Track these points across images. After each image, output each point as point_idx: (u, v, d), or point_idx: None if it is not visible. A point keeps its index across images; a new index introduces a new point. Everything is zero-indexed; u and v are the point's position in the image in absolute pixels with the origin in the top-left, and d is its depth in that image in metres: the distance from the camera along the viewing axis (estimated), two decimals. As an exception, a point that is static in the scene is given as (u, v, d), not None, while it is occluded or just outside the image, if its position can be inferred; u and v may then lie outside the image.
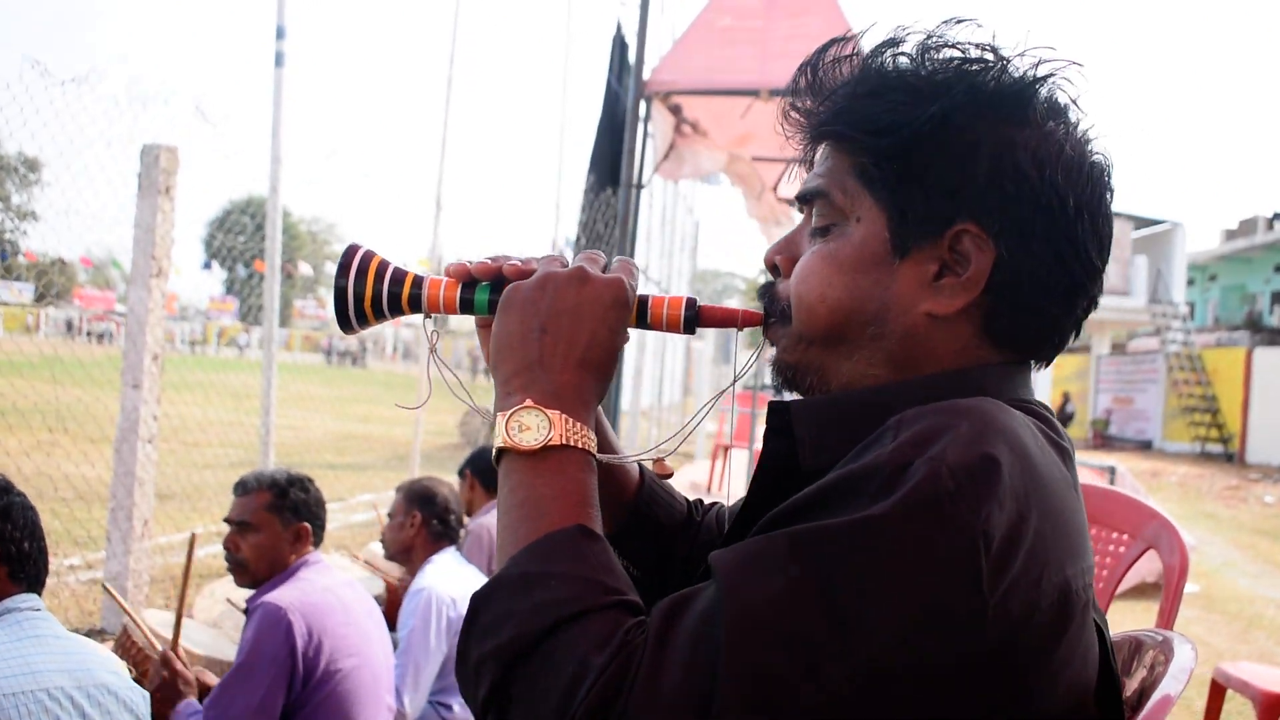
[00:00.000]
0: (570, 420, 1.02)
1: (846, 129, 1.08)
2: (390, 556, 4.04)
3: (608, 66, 7.93)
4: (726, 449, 15.52)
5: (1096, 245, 1.07)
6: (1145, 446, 27.38)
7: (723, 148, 7.98)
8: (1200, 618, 8.32)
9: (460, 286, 1.17)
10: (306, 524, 3.23)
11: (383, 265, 1.16)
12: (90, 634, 4.77)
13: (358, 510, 10.31)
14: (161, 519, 7.10)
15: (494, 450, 1.04)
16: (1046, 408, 1.09)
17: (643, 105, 6.82)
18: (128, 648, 3.33)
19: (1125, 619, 2.19)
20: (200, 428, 8.56)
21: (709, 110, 7.30)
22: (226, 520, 3.24)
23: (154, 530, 5.55)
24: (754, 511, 1.07)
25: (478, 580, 3.77)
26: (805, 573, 0.85)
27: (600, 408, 1.19)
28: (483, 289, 1.16)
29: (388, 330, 70.10)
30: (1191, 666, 1.12)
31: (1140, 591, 8.68)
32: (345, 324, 1.17)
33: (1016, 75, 1.07)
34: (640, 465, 1.41)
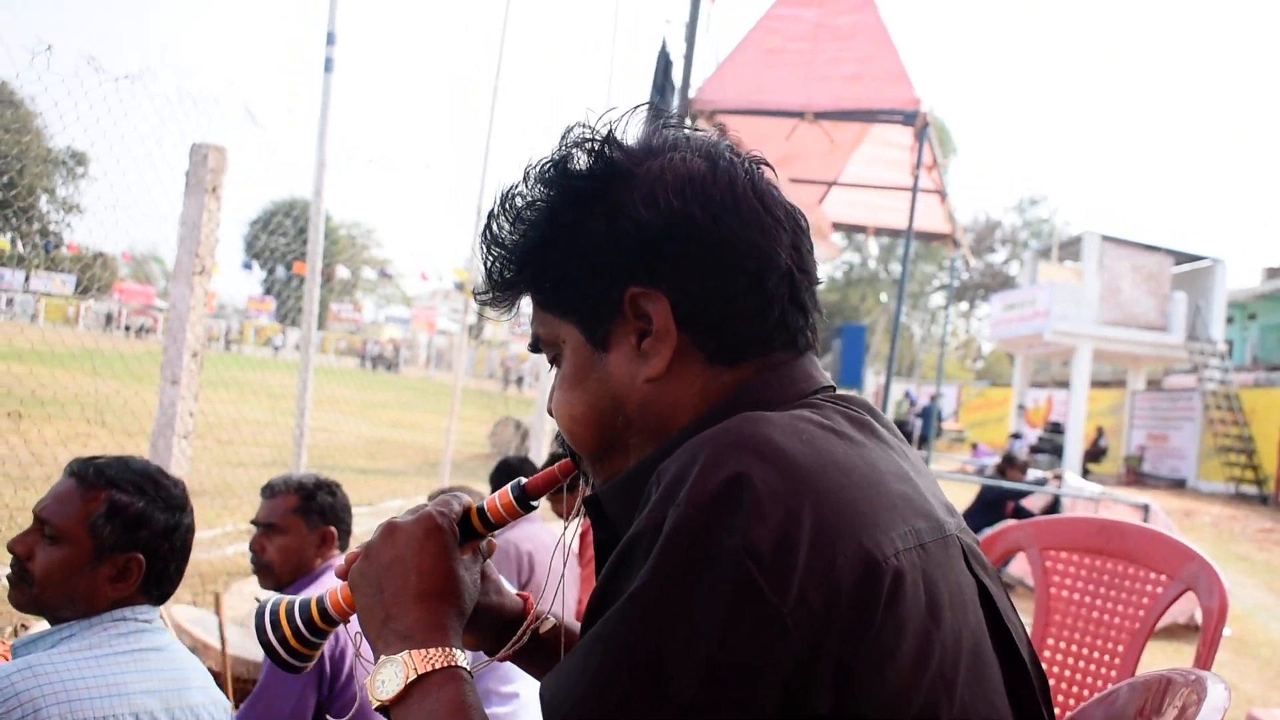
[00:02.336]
0: (422, 651, 1.08)
1: (502, 283, 1.19)
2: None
3: (651, 83, 7.93)
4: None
5: (755, 228, 1.12)
6: (1179, 485, 27.08)
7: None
8: (1232, 662, 8.21)
9: (345, 584, 1.26)
10: (332, 528, 3.24)
11: (290, 606, 1.27)
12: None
13: (387, 515, 10.32)
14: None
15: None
16: (842, 394, 1.16)
17: (687, 123, 6.84)
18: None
19: (1155, 661, 2.16)
20: (234, 426, 8.61)
21: (753, 130, 7.30)
22: (253, 522, 3.25)
23: (185, 526, 5.57)
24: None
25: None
26: (604, 669, 0.90)
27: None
28: None
29: (421, 337, 70.35)
30: (1225, 707, 1.11)
31: (1170, 633, 8.59)
32: (291, 668, 1.28)
33: (588, 150, 1.14)
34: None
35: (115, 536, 2.02)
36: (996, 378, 53.32)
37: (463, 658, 1.10)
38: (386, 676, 1.07)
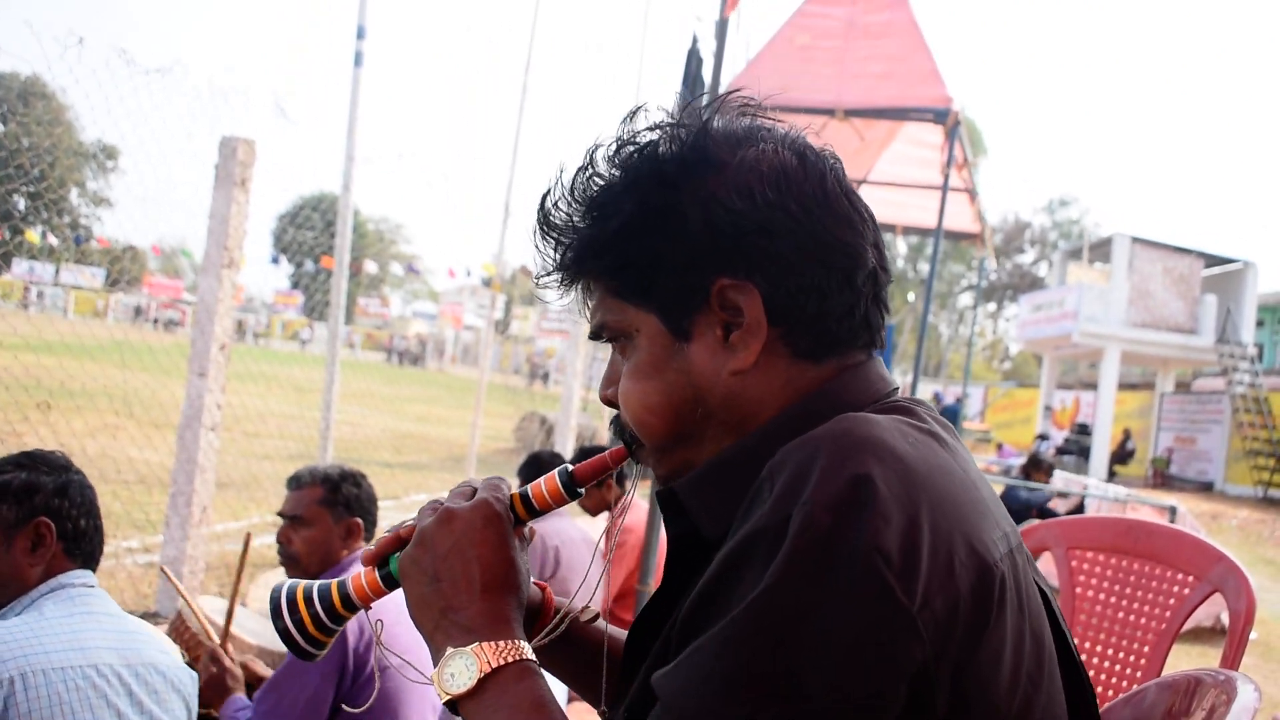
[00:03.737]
0: (493, 644, 1.06)
1: (577, 266, 1.15)
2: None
3: (681, 80, 7.92)
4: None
5: (845, 225, 1.10)
6: (1206, 488, 26.89)
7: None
8: (1258, 666, 8.16)
9: (375, 569, 1.23)
10: (358, 519, 3.24)
11: (307, 590, 1.23)
12: (145, 617, 4.83)
13: (413, 509, 10.35)
14: (219, 507, 7.18)
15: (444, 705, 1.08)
16: (911, 399, 1.14)
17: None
18: (181, 632, 3.37)
19: (1180, 663, 2.15)
20: (261, 418, 8.66)
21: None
22: (279, 514, 3.26)
23: (212, 517, 5.62)
24: (671, 592, 1.15)
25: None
26: (735, 670, 0.87)
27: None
28: (394, 560, 1.22)
29: (448, 332, 70.54)
30: (1256, 707, 1.10)
31: (1196, 635, 8.53)
32: (305, 655, 1.24)
33: (687, 133, 1.11)
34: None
35: (13, 512, 2.08)
36: (1024, 378, 53.06)
37: (531, 653, 1.09)
38: (456, 670, 1.05)
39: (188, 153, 6.10)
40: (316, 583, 1.24)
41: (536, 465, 5.01)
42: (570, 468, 1.24)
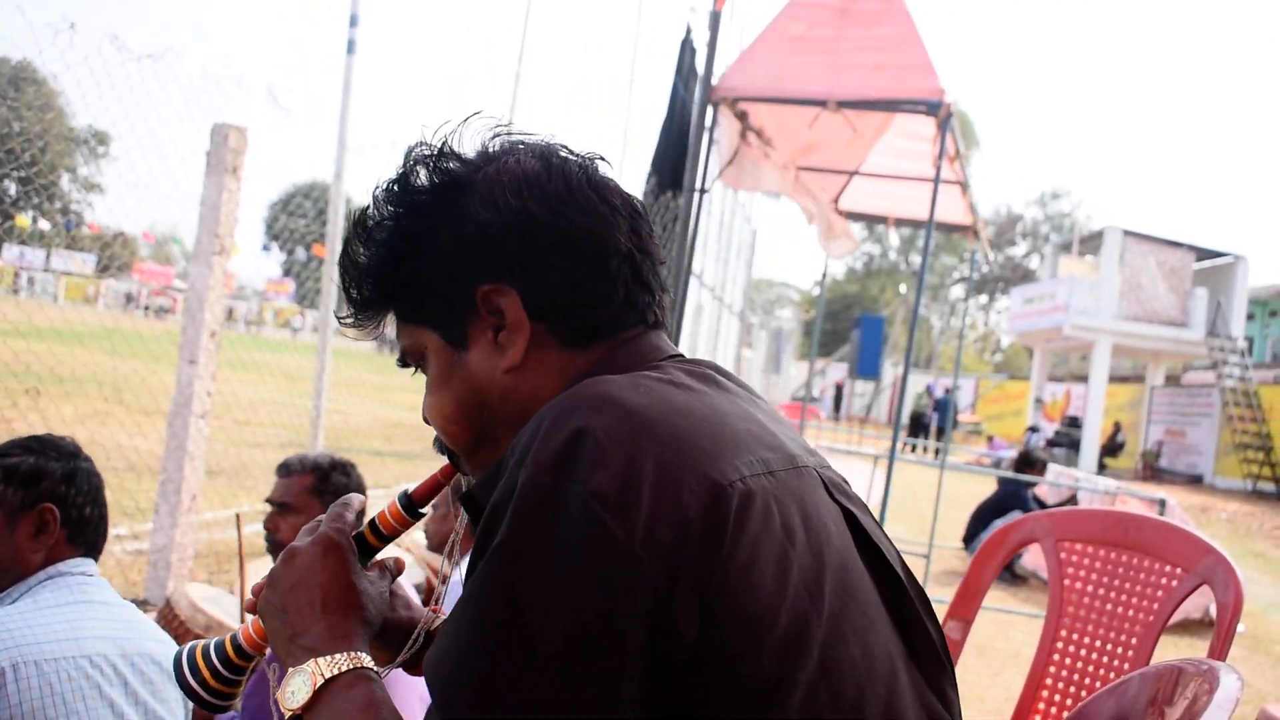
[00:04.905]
0: (328, 658, 1.11)
1: (361, 303, 1.26)
2: (433, 548, 4.03)
3: (675, 70, 7.92)
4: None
5: (592, 216, 1.19)
6: (1196, 481, 26.98)
7: (787, 157, 7.96)
8: (1245, 658, 8.18)
9: (256, 617, 1.27)
10: None
11: (205, 648, 1.29)
12: (134, 604, 4.82)
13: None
14: (209, 494, 7.18)
15: None
16: (685, 358, 1.23)
17: (709, 111, 6.81)
18: (170, 621, 3.37)
19: (1167, 654, 2.15)
20: (251, 407, 8.64)
21: (775, 118, 7.28)
22: (268, 501, 3.26)
23: (201, 505, 5.61)
24: None
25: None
26: (476, 625, 0.95)
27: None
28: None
29: (440, 321, 70.38)
30: (1237, 697, 1.10)
31: (1184, 628, 8.56)
32: (217, 709, 1.29)
33: (426, 164, 1.22)
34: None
35: (19, 496, 2.07)
36: (1015, 371, 53.16)
37: (369, 661, 1.14)
38: (295, 686, 1.10)
39: (180, 139, 6.09)
40: (214, 639, 1.30)
41: None
42: (408, 490, 1.32)
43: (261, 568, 5.05)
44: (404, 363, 1.29)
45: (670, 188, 7.53)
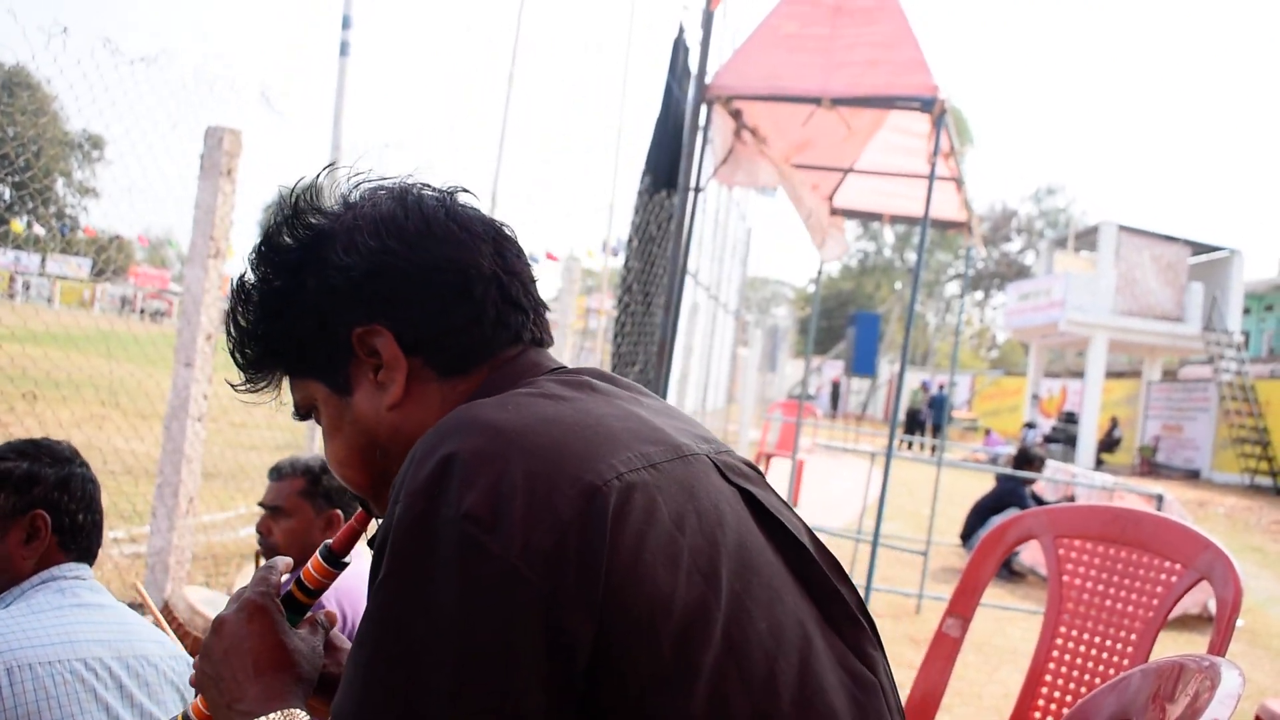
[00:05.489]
0: (264, 718, 1.14)
1: (249, 365, 1.28)
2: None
3: (668, 69, 7.90)
4: (769, 457, 15.52)
5: (451, 245, 1.21)
6: (1193, 476, 27.02)
7: (782, 155, 7.95)
8: (1244, 653, 8.19)
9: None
10: (339, 511, 3.23)
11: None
12: (130, 608, 4.82)
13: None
14: (206, 497, 7.17)
15: None
16: (558, 369, 1.25)
17: (703, 110, 6.81)
18: (169, 622, 3.36)
19: (1168, 650, 2.15)
20: (247, 409, 8.62)
21: (770, 116, 7.27)
22: (260, 504, 3.25)
23: (199, 508, 5.60)
24: None
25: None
26: (370, 663, 0.96)
27: None
28: None
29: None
30: (1239, 693, 1.10)
31: (1183, 623, 8.57)
32: None
33: (288, 221, 1.25)
34: None
35: (11, 501, 2.05)
36: (1011, 367, 53.17)
37: (304, 716, 1.15)
38: None
39: (174, 143, 6.08)
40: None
41: None
42: (329, 542, 1.32)
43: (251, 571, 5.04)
44: (300, 415, 1.31)
45: (664, 187, 7.53)
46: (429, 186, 1.28)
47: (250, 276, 1.26)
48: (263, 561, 3.35)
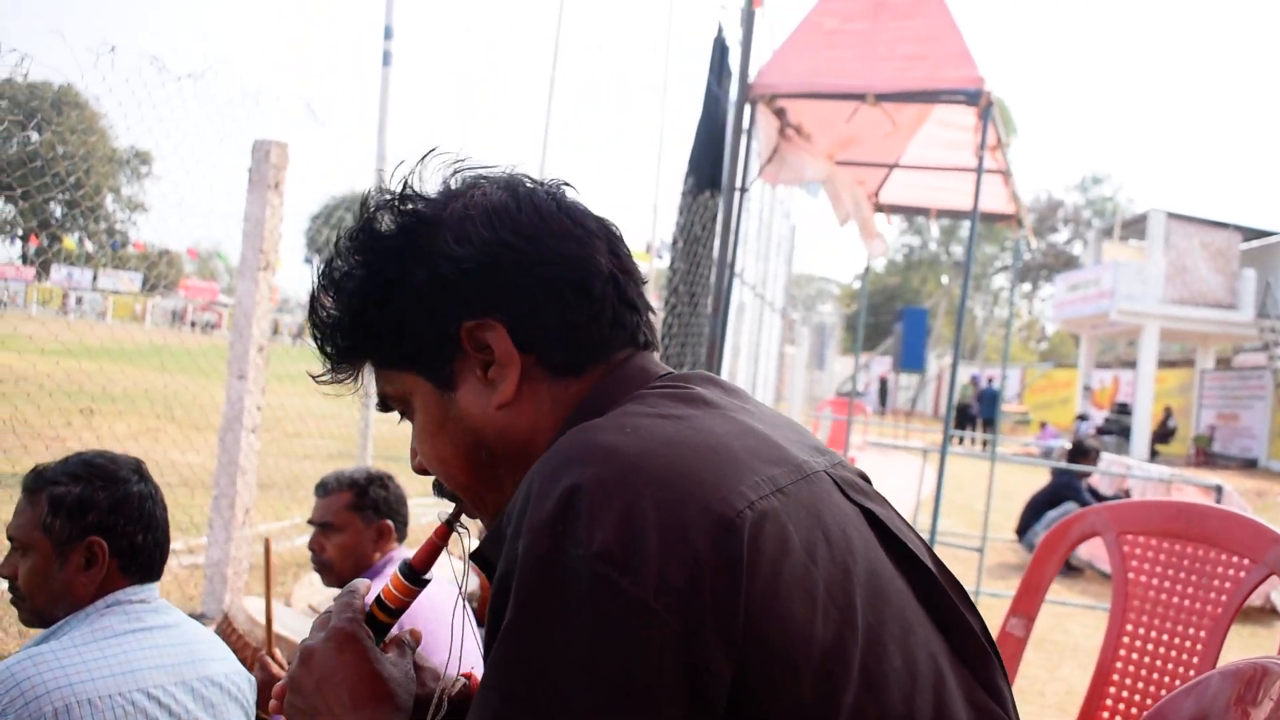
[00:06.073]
0: None
1: (339, 355, 1.23)
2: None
3: (708, 69, 7.89)
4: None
5: (569, 240, 1.17)
6: (1250, 465, 26.64)
7: (827, 151, 7.91)
8: (1308, 645, 8.05)
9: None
10: (389, 521, 3.23)
11: None
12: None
13: (451, 507, 10.38)
14: (262, 507, 7.22)
15: None
16: (666, 375, 1.20)
17: (746, 109, 6.78)
18: (228, 635, 3.38)
19: (1233, 644, 2.11)
20: (301, 419, 8.69)
21: (814, 113, 7.23)
22: (310, 522, 3.26)
23: (255, 519, 5.65)
24: None
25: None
26: (501, 713, 0.91)
27: None
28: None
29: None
30: (1326, 700, 1.07)
31: (1246, 615, 8.44)
32: None
33: (390, 208, 1.20)
34: None
35: (66, 529, 2.04)
36: (1061, 359, 52.70)
37: None
38: None
39: (220, 157, 6.14)
40: None
41: None
42: (408, 559, 1.27)
43: (318, 578, 5.07)
44: (385, 407, 1.26)
45: (708, 187, 7.51)
46: (533, 179, 1.23)
47: (342, 264, 1.21)
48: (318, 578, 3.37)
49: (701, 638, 0.89)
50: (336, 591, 3.18)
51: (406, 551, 3.29)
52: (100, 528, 2.07)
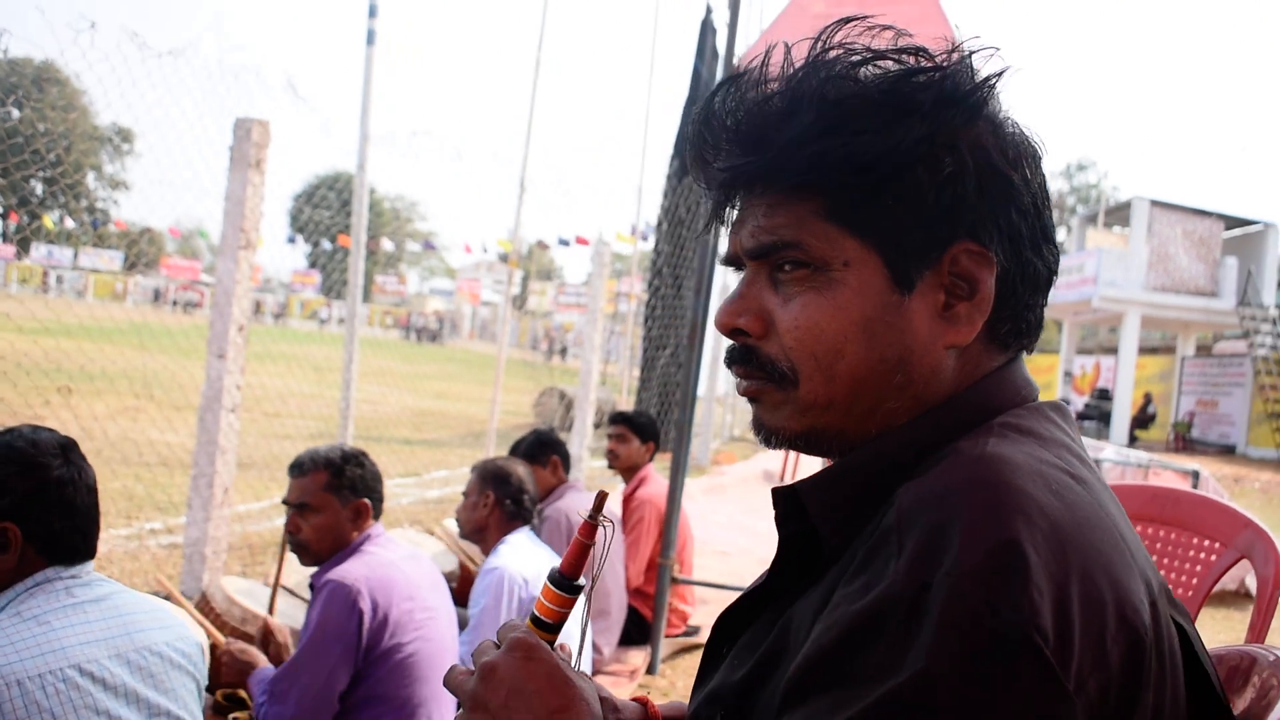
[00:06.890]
0: None
1: (820, 173, 0.98)
2: (465, 535, 4.03)
3: (695, 52, 7.88)
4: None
5: (1053, 227, 1.05)
6: (1228, 451, 26.82)
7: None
8: (1284, 630, 8.14)
9: None
10: (365, 499, 3.22)
11: None
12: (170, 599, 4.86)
13: (433, 486, 10.41)
14: (241, 487, 7.22)
15: None
16: (1047, 407, 1.04)
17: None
18: (207, 613, 3.39)
19: (1205, 627, 2.13)
20: (281, 399, 8.68)
21: (796, 97, 7.23)
22: (285, 502, 3.24)
23: (234, 498, 5.64)
24: (776, 593, 1.09)
25: (550, 561, 3.77)
26: None
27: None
28: None
29: (466, 308, 70.70)
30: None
31: (1219, 599, 8.52)
32: None
33: (967, 75, 1.00)
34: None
35: None
36: (1043, 344, 52.84)
37: None
38: None
39: (201, 134, 6.11)
40: None
41: (539, 445, 5.04)
42: (557, 568, 1.15)
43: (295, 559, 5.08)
44: (769, 252, 1.03)
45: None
46: (1025, 126, 1.06)
47: (867, 88, 0.98)
48: (289, 554, 3.37)
49: None
50: (314, 571, 3.19)
51: (384, 529, 3.29)
52: (13, 514, 1.99)
